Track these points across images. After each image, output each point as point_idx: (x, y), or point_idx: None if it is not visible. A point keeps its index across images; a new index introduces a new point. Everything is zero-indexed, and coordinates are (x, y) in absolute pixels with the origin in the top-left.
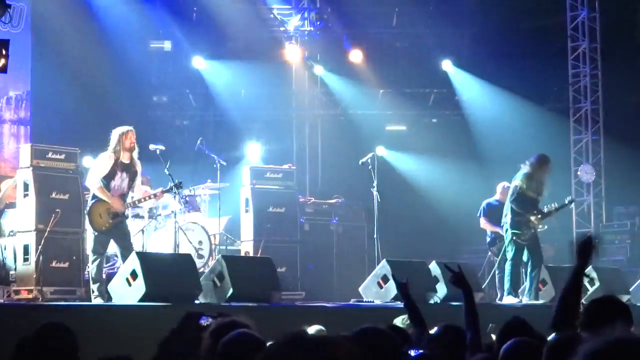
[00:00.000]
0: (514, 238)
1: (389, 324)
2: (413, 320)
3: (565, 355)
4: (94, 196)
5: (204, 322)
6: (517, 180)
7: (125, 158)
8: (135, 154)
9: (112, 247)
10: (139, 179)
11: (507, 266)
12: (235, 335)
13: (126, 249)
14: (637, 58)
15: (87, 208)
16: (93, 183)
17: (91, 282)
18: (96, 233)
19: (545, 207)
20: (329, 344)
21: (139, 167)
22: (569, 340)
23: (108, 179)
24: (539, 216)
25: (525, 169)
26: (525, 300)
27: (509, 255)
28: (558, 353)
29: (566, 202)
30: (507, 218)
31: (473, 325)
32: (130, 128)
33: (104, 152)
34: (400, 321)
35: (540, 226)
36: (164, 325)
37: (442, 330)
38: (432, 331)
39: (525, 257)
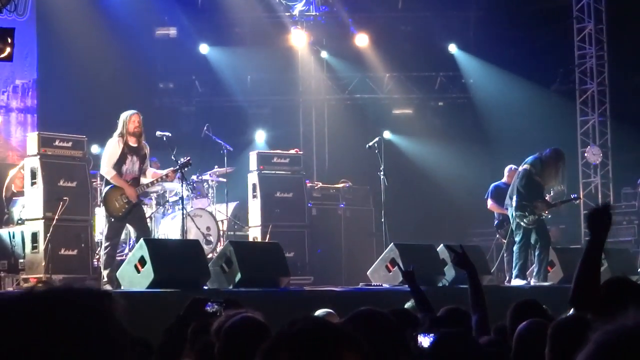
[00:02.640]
0: (518, 221)
1: (395, 308)
2: (420, 306)
3: (570, 337)
4: (108, 182)
5: (210, 308)
6: (528, 165)
7: (132, 142)
8: (142, 137)
9: (122, 234)
10: (148, 162)
11: (515, 249)
12: (239, 320)
13: (143, 231)
14: None
15: (102, 195)
16: (107, 170)
17: (102, 268)
18: (112, 219)
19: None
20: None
21: (147, 150)
22: (575, 322)
23: (119, 163)
24: (544, 204)
25: (538, 156)
26: (533, 282)
27: (517, 238)
28: (563, 335)
29: (572, 197)
30: (512, 201)
31: (479, 306)
32: (135, 112)
33: (111, 138)
34: (409, 305)
35: (544, 214)
36: (172, 312)
37: (445, 313)
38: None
39: (533, 240)
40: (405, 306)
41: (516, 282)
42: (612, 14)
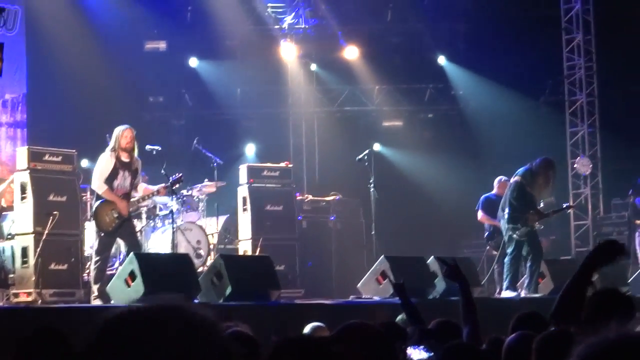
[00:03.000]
0: (510, 233)
1: (385, 321)
2: (410, 319)
3: (554, 351)
4: (99, 197)
5: None
6: (519, 177)
7: (124, 157)
8: (134, 152)
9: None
10: (140, 177)
11: (506, 261)
12: (228, 334)
13: (134, 246)
14: (632, 49)
15: (93, 209)
16: (98, 185)
17: (92, 282)
18: (102, 234)
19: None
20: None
21: (139, 165)
22: (560, 336)
23: (111, 178)
24: (537, 215)
25: (528, 167)
26: (524, 293)
27: (509, 250)
28: (547, 348)
29: (564, 206)
30: (504, 213)
31: (471, 319)
32: (127, 127)
33: (103, 152)
34: (400, 319)
35: (537, 225)
36: None
37: (436, 325)
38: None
39: (525, 251)
40: (397, 319)
41: (507, 293)
42: (601, 25)
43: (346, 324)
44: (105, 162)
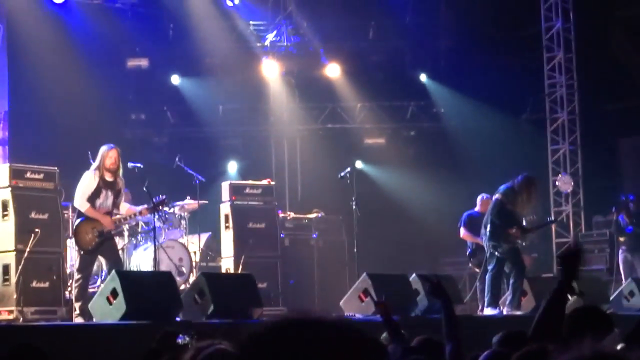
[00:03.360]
0: (492, 251)
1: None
2: (392, 337)
3: None
4: (80, 215)
5: (181, 340)
6: (499, 194)
7: (108, 176)
8: (119, 172)
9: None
10: (122, 197)
11: (487, 277)
12: (211, 352)
13: (115, 263)
14: (612, 67)
15: (73, 227)
16: (81, 203)
17: (74, 300)
18: (82, 252)
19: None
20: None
21: (122, 185)
22: (536, 353)
23: (94, 197)
24: (519, 232)
25: (510, 184)
26: (506, 310)
27: (490, 266)
28: None
29: (547, 220)
30: (486, 230)
31: (453, 336)
32: (113, 146)
33: (87, 170)
34: (384, 337)
35: (520, 242)
36: (145, 344)
37: (418, 343)
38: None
39: (507, 268)
40: (382, 337)
41: (488, 311)
42: (581, 43)
43: None
44: (88, 181)
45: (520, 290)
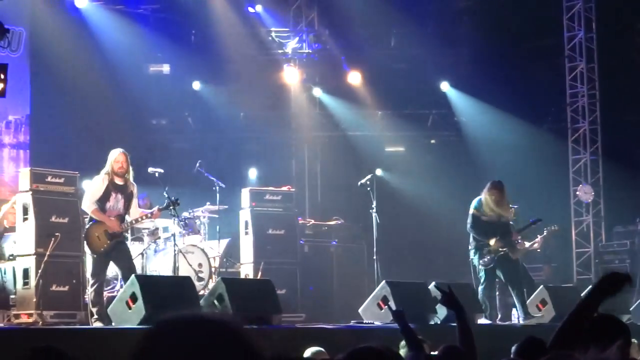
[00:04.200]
0: (475, 264)
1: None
2: (410, 345)
3: None
4: (91, 218)
5: None
6: (471, 208)
7: (118, 180)
8: (129, 176)
9: (112, 270)
10: (135, 200)
11: (479, 290)
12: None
13: (128, 269)
14: (634, 77)
15: (84, 231)
16: (88, 205)
17: (90, 305)
18: (94, 256)
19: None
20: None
21: (134, 189)
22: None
23: (103, 200)
24: (500, 241)
25: (479, 197)
26: (522, 321)
27: (480, 279)
28: None
29: (530, 222)
30: (469, 245)
31: (468, 346)
32: (120, 151)
33: (97, 175)
34: (403, 345)
35: (506, 250)
36: None
37: (443, 352)
38: (434, 353)
39: (504, 279)
40: (400, 345)
41: (482, 321)
42: (604, 53)
43: (355, 349)
44: (97, 184)
45: (523, 298)
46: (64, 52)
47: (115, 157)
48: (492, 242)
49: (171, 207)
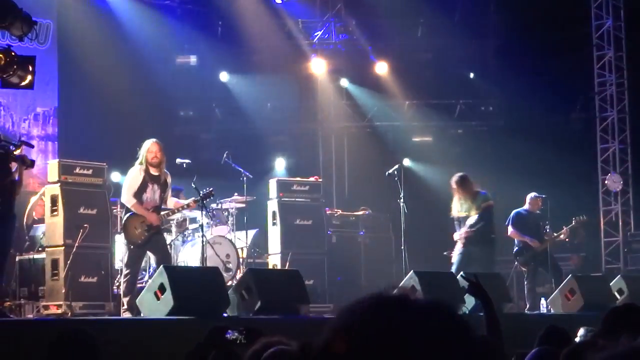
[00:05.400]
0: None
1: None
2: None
3: None
4: (128, 210)
5: (230, 336)
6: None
7: (153, 170)
8: (163, 166)
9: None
10: (169, 190)
11: None
12: (273, 352)
13: (164, 259)
14: None
15: (123, 222)
16: (128, 199)
17: (122, 295)
18: (132, 246)
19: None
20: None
21: (169, 178)
22: (583, 348)
23: (140, 192)
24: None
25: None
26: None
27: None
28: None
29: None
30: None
31: (495, 335)
32: (154, 141)
33: (132, 166)
34: None
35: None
36: (192, 339)
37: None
38: None
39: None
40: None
41: None
42: (632, 41)
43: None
44: (134, 176)
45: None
46: (91, 44)
47: (149, 147)
48: (455, 236)
49: (207, 199)
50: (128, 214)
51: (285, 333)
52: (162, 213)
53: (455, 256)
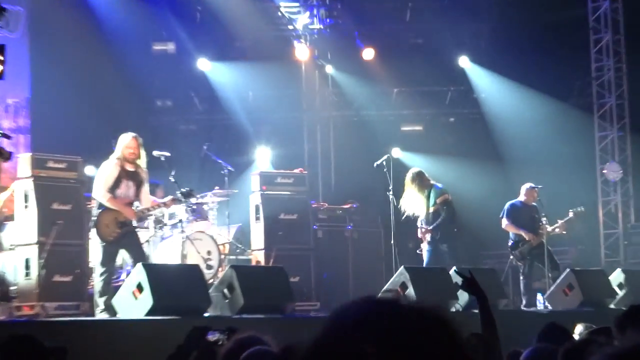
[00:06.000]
0: None
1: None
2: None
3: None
4: (101, 205)
5: (211, 337)
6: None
7: (129, 166)
8: (140, 162)
9: (117, 259)
10: (146, 187)
11: None
12: (253, 353)
13: (139, 257)
14: None
15: (94, 218)
16: (101, 193)
17: (97, 295)
18: (104, 244)
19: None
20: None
21: (145, 174)
22: (583, 345)
23: (114, 187)
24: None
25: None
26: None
27: None
28: (572, 357)
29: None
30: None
31: (490, 333)
32: (133, 135)
33: (107, 160)
34: None
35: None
36: (172, 340)
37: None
38: None
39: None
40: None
41: None
42: (630, 24)
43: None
44: (108, 171)
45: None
46: (65, 32)
47: (127, 142)
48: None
49: (186, 199)
50: (100, 210)
51: (270, 333)
52: (139, 210)
53: (424, 255)
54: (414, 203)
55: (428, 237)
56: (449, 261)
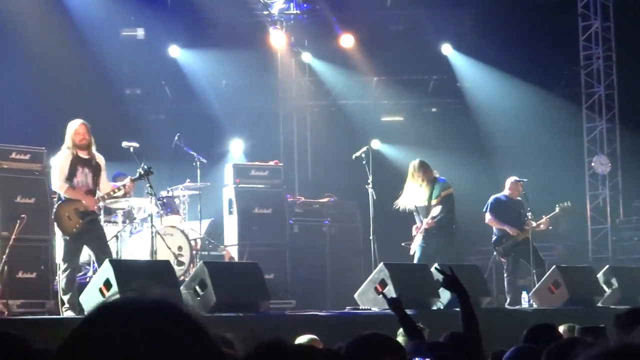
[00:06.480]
0: None
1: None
2: (409, 335)
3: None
4: (60, 197)
5: None
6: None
7: (82, 153)
8: (92, 148)
9: (84, 254)
10: (103, 174)
11: None
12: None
13: (103, 252)
14: None
15: (53, 211)
16: (58, 184)
17: (61, 293)
18: (67, 238)
19: None
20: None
21: (101, 160)
22: (567, 345)
23: (70, 177)
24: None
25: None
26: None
27: None
28: (555, 357)
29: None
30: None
31: (472, 332)
32: (80, 122)
33: (59, 151)
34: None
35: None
36: None
37: (446, 338)
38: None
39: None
40: (398, 333)
41: None
42: (620, 10)
43: (361, 336)
44: (62, 161)
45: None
46: (28, 17)
47: (75, 128)
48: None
49: (144, 177)
50: (59, 202)
51: (244, 331)
52: (98, 197)
53: (416, 249)
54: (415, 195)
55: (424, 231)
56: (442, 260)
